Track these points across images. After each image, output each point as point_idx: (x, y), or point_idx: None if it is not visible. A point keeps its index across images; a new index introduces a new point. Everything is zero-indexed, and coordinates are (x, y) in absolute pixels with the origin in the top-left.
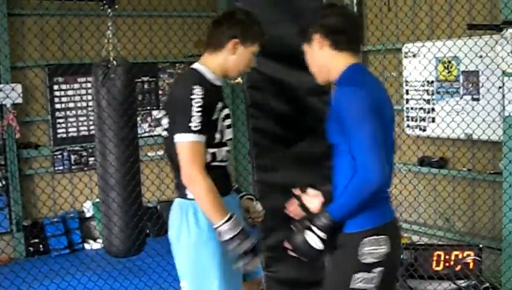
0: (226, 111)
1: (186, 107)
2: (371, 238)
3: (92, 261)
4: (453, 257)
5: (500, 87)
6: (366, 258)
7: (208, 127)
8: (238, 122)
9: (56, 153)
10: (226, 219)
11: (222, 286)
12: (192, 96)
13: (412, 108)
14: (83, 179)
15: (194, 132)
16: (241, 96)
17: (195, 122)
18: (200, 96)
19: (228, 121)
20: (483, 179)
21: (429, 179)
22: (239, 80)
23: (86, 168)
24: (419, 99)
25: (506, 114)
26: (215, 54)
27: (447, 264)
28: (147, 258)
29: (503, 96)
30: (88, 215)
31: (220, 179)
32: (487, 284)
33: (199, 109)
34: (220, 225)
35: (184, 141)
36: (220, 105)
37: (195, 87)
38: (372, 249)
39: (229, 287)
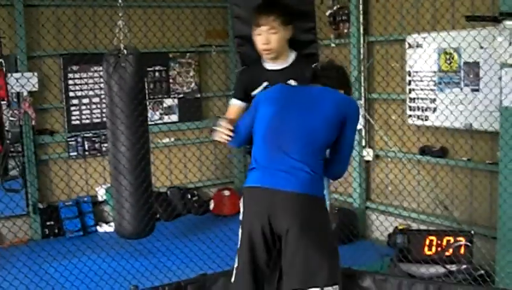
0: None
1: None
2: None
3: (104, 243)
4: (444, 242)
5: (500, 78)
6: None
7: (250, 100)
8: None
9: (70, 139)
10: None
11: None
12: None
13: (414, 98)
14: (96, 165)
15: (231, 95)
16: None
17: (233, 89)
18: (238, 72)
19: None
20: (481, 169)
21: (429, 168)
22: None
23: (98, 154)
24: (422, 89)
25: (503, 106)
26: None
27: (439, 249)
28: (157, 241)
29: (501, 88)
30: (101, 199)
31: None
32: (482, 272)
33: (236, 80)
34: None
35: None
36: (264, 85)
37: (243, 67)
38: (241, 207)
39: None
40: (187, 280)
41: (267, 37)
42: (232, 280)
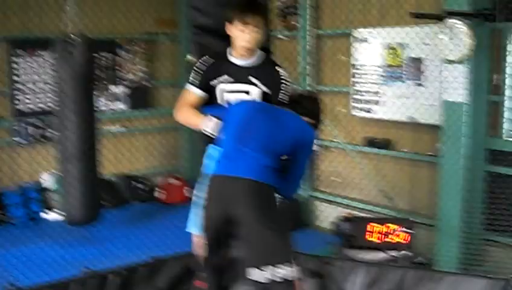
0: (231, 86)
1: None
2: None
3: (51, 230)
4: (387, 229)
5: (441, 74)
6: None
7: (208, 90)
8: None
9: (15, 125)
10: (202, 120)
11: None
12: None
13: (359, 91)
14: (41, 151)
15: (188, 82)
16: None
17: (191, 77)
18: (200, 62)
19: (227, 94)
20: (423, 160)
21: (375, 160)
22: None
23: (44, 141)
24: (367, 82)
25: (444, 100)
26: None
27: (381, 235)
28: (103, 228)
29: (442, 83)
30: (46, 186)
31: None
32: (422, 259)
33: (195, 69)
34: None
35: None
36: (224, 77)
37: (205, 57)
38: (204, 193)
39: None
40: (140, 262)
41: (251, 36)
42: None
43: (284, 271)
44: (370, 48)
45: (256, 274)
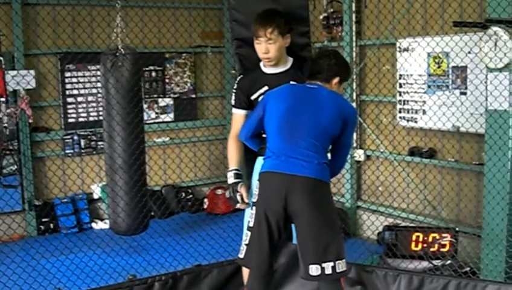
0: None
1: None
2: (256, 182)
3: (100, 240)
4: (430, 239)
5: (486, 82)
6: (254, 198)
7: (252, 104)
8: None
9: (66, 137)
10: (229, 169)
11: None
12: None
13: (404, 101)
14: (91, 163)
15: (232, 105)
16: None
17: (232, 99)
18: (236, 83)
19: None
20: (468, 170)
21: (419, 169)
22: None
23: (94, 152)
24: (412, 92)
25: (489, 109)
26: None
27: (424, 245)
28: (151, 238)
29: (488, 91)
30: (96, 196)
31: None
32: (467, 269)
33: (234, 91)
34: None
35: None
36: (265, 88)
37: (239, 77)
38: (255, 190)
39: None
40: (183, 270)
41: (266, 47)
42: (242, 255)
43: (340, 267)
44: (414, 57)
45: (315, 270)
